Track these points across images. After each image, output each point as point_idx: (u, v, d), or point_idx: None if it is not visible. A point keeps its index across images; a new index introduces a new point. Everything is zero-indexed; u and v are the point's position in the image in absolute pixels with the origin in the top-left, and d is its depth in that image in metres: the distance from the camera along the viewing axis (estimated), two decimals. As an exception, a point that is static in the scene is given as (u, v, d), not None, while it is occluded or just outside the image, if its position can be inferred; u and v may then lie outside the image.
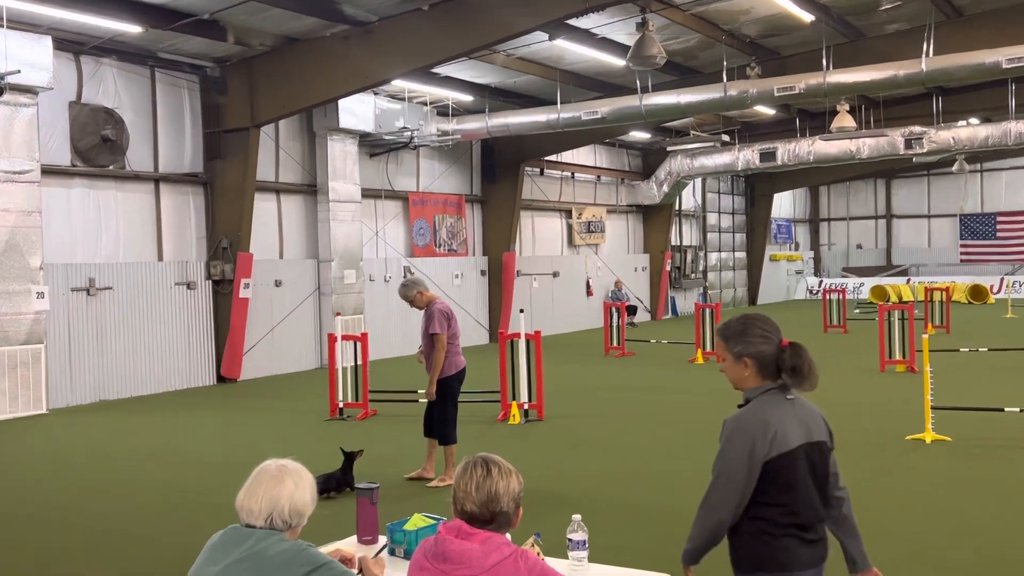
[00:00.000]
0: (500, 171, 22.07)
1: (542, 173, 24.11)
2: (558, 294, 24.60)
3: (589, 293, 25.77)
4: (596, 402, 12.73)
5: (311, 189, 17.65)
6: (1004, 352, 15.14)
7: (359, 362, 12.00)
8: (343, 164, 17.57)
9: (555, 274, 24.51)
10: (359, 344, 12.14)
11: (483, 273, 22.16)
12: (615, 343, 18.70)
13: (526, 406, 11.22)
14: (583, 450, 9.59)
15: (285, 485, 2.79)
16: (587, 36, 15.98)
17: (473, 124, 18.76)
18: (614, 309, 18.96)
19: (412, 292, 8.10)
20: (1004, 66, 14.58)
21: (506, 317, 21.47)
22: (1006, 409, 9.93)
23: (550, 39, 15.24)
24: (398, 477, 8.28)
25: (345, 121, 17.11)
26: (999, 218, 36.61)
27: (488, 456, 2.74)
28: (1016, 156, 34.72)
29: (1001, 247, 36.55)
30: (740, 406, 3.11)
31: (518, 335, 11.42)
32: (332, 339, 12.20)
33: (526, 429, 10.75)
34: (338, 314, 14.94)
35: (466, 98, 18.91)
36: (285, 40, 14.66)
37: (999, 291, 32.42)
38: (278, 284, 17.01)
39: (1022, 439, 9.33)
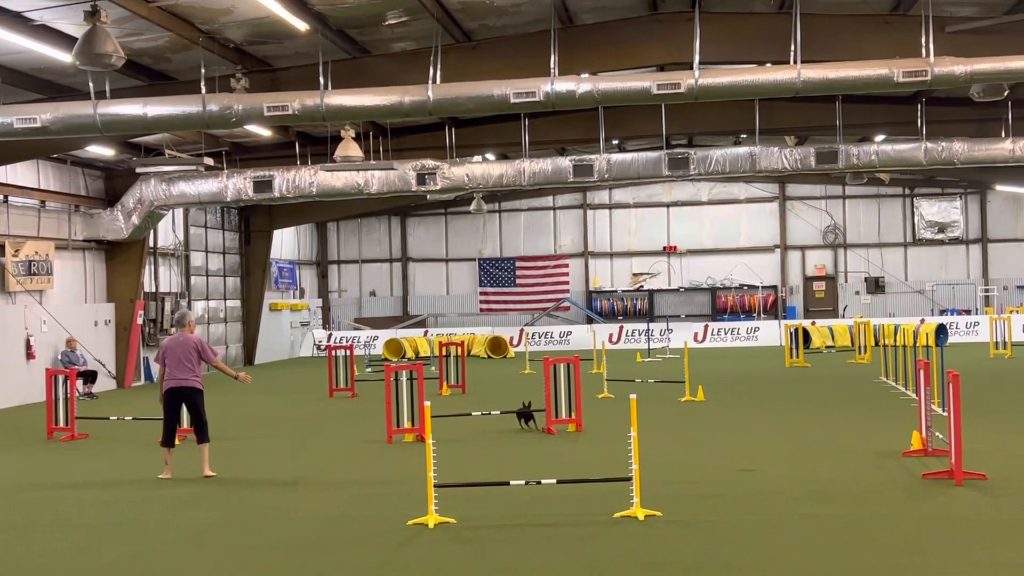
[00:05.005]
0: None
1: (-39, 195, 22.01)
2: (-15, 358, 22.49)
3: (31, 356, 23.96)
4: (25, 508, 11.71)
5: None
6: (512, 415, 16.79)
7: None
8: None
9: (-20, 332, 22.41)
10: None
11: None
12: (62, 422, 17.46)
13: (-83, 522, 9.95)
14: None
15: None
16: (20, 21, 15.13)
17: None
18: (60, 377, 17.72)
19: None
20: (512, 100, 16.32)
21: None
22: (512, 483, 10.92)
23: (-35, 19, 14.02)
24: None
25: None
26: (518, 263, 41.10)
27: None
28: (533, 197, 39.41)
29: (521, 295, 40.98)
30: None
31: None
32: None
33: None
34: None
35: None
36: None
37: (519, 343, 36.06)
38: None
39: (527, 516, 10.32)
